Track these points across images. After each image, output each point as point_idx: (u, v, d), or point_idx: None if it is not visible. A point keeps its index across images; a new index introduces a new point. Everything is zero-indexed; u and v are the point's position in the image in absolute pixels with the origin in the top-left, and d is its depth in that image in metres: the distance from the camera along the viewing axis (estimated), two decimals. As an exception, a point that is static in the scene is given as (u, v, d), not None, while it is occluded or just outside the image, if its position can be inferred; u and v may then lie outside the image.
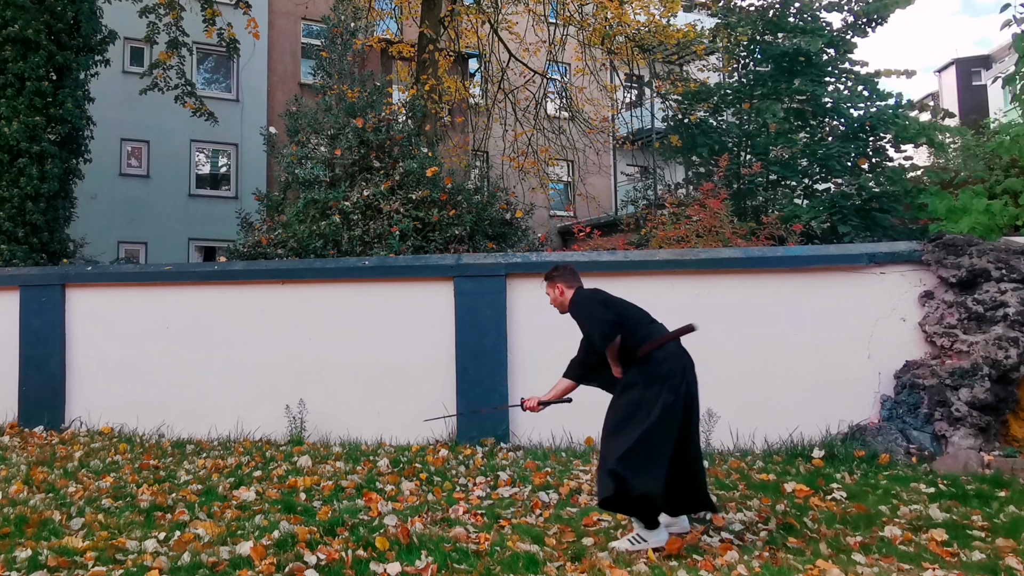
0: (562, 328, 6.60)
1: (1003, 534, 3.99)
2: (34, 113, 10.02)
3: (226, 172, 18.35)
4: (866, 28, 14.06)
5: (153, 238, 16.91)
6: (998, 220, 9.08)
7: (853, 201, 12.92)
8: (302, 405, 6.68)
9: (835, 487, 4.94)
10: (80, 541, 3.79)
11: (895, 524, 4.13)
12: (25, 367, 7.23)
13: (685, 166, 15.62)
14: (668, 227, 9.49)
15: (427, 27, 11.75)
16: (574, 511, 4.49)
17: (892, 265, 6.30)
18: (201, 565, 3.47)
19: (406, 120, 10.76)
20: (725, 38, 14.06)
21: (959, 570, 3.52)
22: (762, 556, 3.67)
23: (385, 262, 7.21)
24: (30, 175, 9.91)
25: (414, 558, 3.56)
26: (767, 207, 13.21)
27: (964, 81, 30.76)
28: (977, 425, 5.72)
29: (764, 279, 6.48)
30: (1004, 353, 5.75)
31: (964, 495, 4.76)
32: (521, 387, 6.51)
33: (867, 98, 13.85)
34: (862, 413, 6.14)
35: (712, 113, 14.81)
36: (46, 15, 10.20)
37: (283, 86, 18.24)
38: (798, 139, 13.84)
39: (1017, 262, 6.05)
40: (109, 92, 13.88)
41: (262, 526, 4.02)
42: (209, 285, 7.27)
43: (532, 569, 3.46)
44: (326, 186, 9.49)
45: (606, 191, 19.80)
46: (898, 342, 6.18)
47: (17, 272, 7.75)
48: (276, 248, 9.07)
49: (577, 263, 6.79)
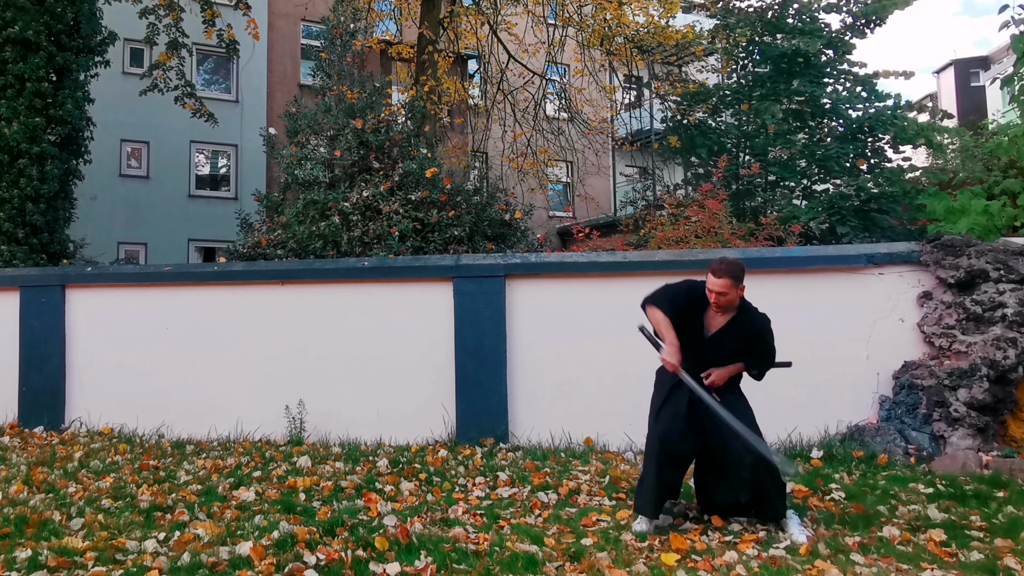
0: (561, 329, 6.65)
1: (1001, 534, 4.00)
2: (34, 114, 10.03)
3: (226, 173, 18.37)
4: (864, 29, 14.10)
5: (153, 239, 16.92)
6: (996, 221, 9.07)
7: (852, 202, 12.94)
8: (301, 405, 6.69)
9: (833, 487, 4.95)
10: (80, 541, 3.80)
11: (893, 524, 4.14)
12: (25, 367, 7.24)
13: (684, 167, 15.64)
14: (667, 228, 9.51)
15: (426, 28, 11.77)
16: (573, 511, 4.50)
17: (891, 266, 6.31)
18: (201, 565, 3.48)
19: (405, 121, 10.78)
20: (724, 39, 14.08)
21: (957, 570, 3.53)
22: (760, 556, 3.69)
23: (384, 263, 7.22)
24: (30, 176, 9.92)
25: (413, 558, 3.57)
26: (766, 208, 13.22)
27: (962, 82, 30.81)
28: (975, 425, 5.73)
29: (763, 280, 6.45)
30: (1002, 354, 5.76)
31: (962, 495, 4.77)
32: (520, 387, 6.53)
33: (866, 99, 13.89)
34: (860, 413, 6.15)
35: (711, 114, 14.84)
36: (46, 16, 10.21)
37: (283, 87, 18.26)
38: (797, 140, 13.86)
39: (1015, 263, 6.06)
40: (109, 93, 13.89)
41: (262, 526, 4.03)
42: (209, 286, 7.27)
43: (531, 569, 3.47)
44: (325, 187, 9.50)
45: (605, 192, 19.82)
46: (897, 343, 6.19)
47: (17, 273, 7.75)
48: (275, 249, 9.09)
49: (577, 264, 6.82)
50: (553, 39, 13.22)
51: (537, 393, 6.55)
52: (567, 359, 6.54)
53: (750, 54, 14.80)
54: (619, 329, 6.45)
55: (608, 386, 6.42)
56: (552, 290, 6.69)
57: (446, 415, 6.56)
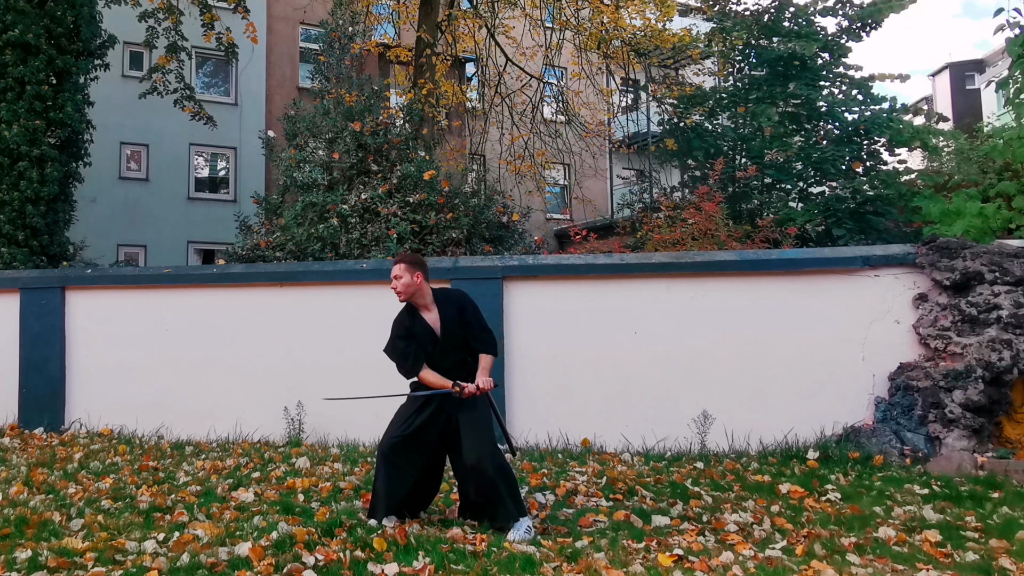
0: (558, 331, 6.68)
1: (996, 535, 4.03)
2: (34, 117, 10.05)
3: (225, 175, 18.37)
4: (860, 32, 14.15)
5: (152, 241, 16.93)
6: (991, 223, 9.14)
7: (847, 204, 12.99)
8: (300, 407, 6.71)
9: (829, 488, 4.98)
10: (80, 542, 3.81)
11: (889, 525, 4.17)
12: (25, 369, 7.26)
13: (681, 169, 15.68)
14: (664, 230, 9.55)
15: (424, 31, 11.79)
16: (570, 512, 4.53)
17: (886, 268, 6.34)
18: (200, 566, 3.49)
19: (403, 124, 10.80)
20: (720, 42, 14.12)
21: (953, 571, 3.55)
22: (757, 557, 3.71)
23: (383, 265, 7.24)
24: (30, 179, 9.94)
25: (411, 559, 3.58)
26: (762, 210, 13.27)
27: (958, 85, 30.89)
28: (971, 427, 5.77)
29: (759, 282, 6.53)
30: (997, 355, 5.80)
31: (958, 496, 4.80)
32: (518, 387, 6.56)
33: (861, 102, 13.94)
34: (856, 415, 6.19)
35: (707, 117, 14.87)
36: (46, 20, 10.23)
37: (281, 90, 18.28)
38: (793, 143, 13.90)
39: (1010, 265, 6.09)
40: (109, 96, 13.92)
41: (260, 527, 4.04)
42: (208, 288, 7.30)
43: (528, 570, 3.48)
44: (324, 189, 9.52)
45: (602, 194, 19.85)
46: (892, 344, 6.22)
47: (17, 275, 7.77)
48: (274, 251, 9.10)
49: (574, 266, 6.85)
50: (550, 42, 13.25)
51: (534, 394, 6.57)
52: (564, 361, 6.58)
53: (746, 57, 14.85)
54: (616, 331, 6.54)
55: (605, 388, 6.46)
56: (549, 292, 6.72)
57: (444, 417, 6.57)
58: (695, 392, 6.35)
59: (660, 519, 4.31)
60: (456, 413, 4.10)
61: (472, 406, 4.08)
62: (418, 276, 4.12)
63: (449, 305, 4.21)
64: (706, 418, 6.28)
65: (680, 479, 5.29)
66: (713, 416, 6.28)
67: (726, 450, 6.23)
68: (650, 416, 6.33)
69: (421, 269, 4.15)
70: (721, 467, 5.65)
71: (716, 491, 4.98)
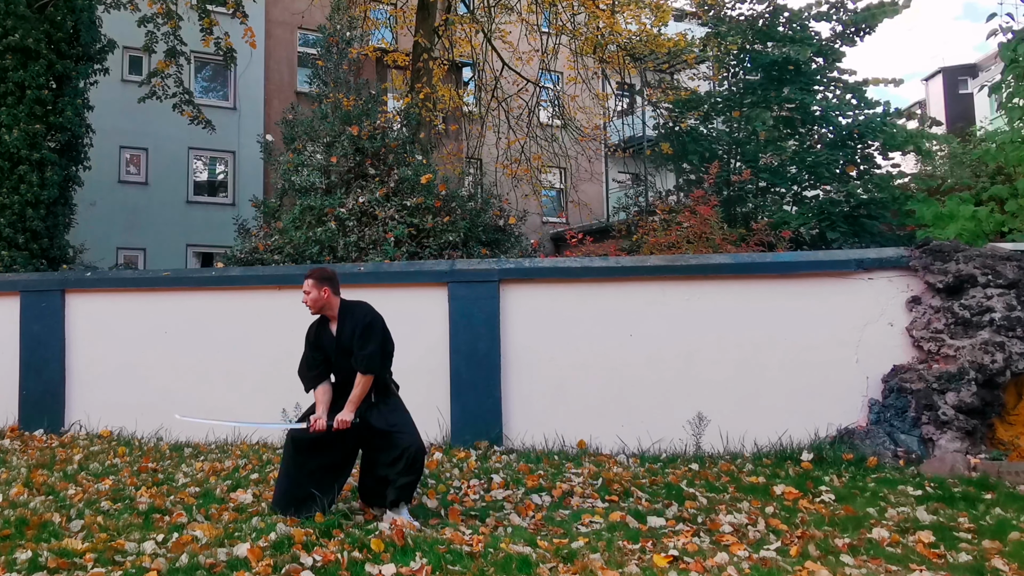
0: (554, 333, 6.71)
1: (989, 536, 4.07)
2: (34, 121, 10.09)
3: (223, 179, 18.39)
4: (854, 37, 14.24)
5: (151, 244, 16.95)
6: (984, 226, 9.19)
7: (841, 208, 13.06)
8: (298, 409, 6.72)
9: (823, 490, 5.02)
10: (79, 543, 3.84)
11: (883, 526, 4.21)
12: (25, 371, 7.28)
13: (676, 173, 15.74)
14: (659, 233, 9.61)
15: (421, 36, 11.84)
16: (566, 513, 4.56)
17: (880, 271, 6.38)
18: (199, 567, 3.52)
19: (401, 128, 10.86)
20: (715, 47, 14.19)
21: (946, 571, 3.59)
22: (752, 558, 3.74)
23: (380, 268, 7.28)
24: (30, 182, 9.97)
25: (408, 559, 3.61)
26: (757, 214, 13.32)
27: (951, 89, 30.99)
28: (964, 428, 5.80)
29: (754, 284, 6.57)
30: (990, 358, 5.84)
31: (951, 497, 4.84)
32: (514, 391, 6.59)
33: (855, 106, 14.02)
34: (850, 417, 6.22)
35: (702, 121, 14.94)
36: (46, 25, 10.28)
37: (280, 94, 18.31)
38: (787, 147, 13.99)
39: (1003, 268, 6.13)
40: (108, 100, 13.95)
41: (259, 528, 4.07)
42: (207, 291, 7.32)
43: (525, 570, 3.51)
44: (322, 193, 9.56)
45: (598, 198, 19.92)
46: (886, 347, 6.26)
47: (17, 278, 7.79)
48: (273, 254, 9.13)
49: (570, 269, 6.89)
50: (547, 47, 13.31)
51: (531, 397, 6.61)
52: (560, 363, 6.61)
53: (741, 62, 14.93)
54: (612, 333, 6.58)
55: (601, 390, 6.49)
56: (546, 295, 6.76)
57: (441, 418, 6.61)
58: (690, 394, 6.39)
59: (655, 520, 4.35)
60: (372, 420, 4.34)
61: (390, 411, 4.39)
62: (325, 291, 4.38)
63: (351, 319, 4.37)
64: (701, 420, 6.32)
65: (675, 480, 5.32)
66: (708, 418, 6.32)
67: (721, 452, 6.27)
68: (645, 418, 6.37)
69: (329, 284, 4.41)
70: (716, 468, 5.69)
71: (711, 492, 5.01)
